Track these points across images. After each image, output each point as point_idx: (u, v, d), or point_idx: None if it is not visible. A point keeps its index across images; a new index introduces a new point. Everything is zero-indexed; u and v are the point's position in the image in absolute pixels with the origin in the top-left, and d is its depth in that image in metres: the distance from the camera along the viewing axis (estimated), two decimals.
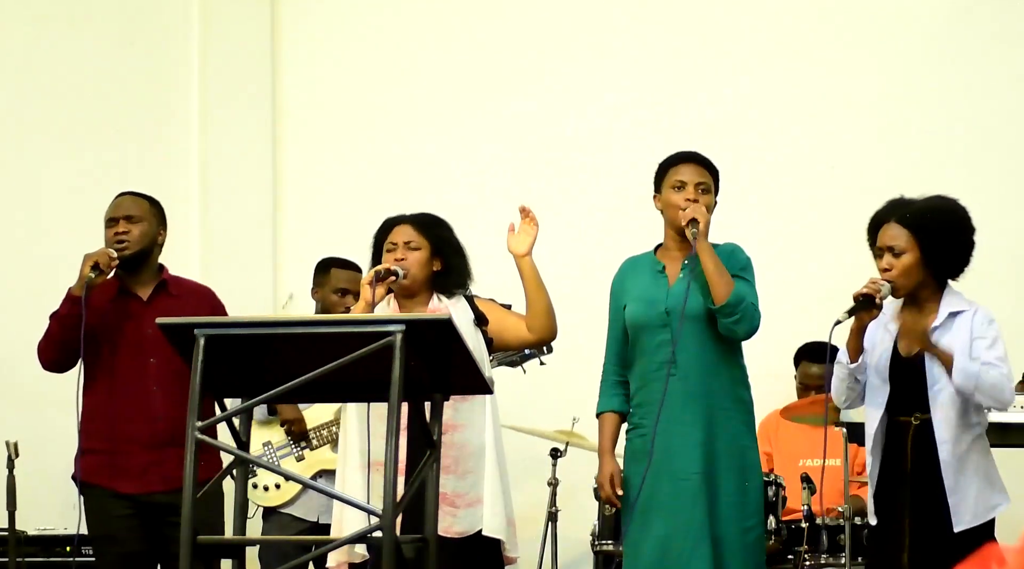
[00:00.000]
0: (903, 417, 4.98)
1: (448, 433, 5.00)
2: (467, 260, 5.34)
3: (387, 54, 7.96)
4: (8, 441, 5.97)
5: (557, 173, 7.62)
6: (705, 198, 5.07)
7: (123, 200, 5.67)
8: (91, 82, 7.66)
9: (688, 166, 5.12)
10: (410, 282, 5.21)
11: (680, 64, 7.60)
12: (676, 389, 4.96)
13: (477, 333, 5.16)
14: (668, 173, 5.13)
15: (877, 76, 7.36)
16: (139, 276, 5.59)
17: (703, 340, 4.99)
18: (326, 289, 6.55)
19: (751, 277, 5.06)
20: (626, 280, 5.20)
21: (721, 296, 4.91)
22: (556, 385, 5.73)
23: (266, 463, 5.78)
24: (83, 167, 7.45)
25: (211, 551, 4.37)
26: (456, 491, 5.06)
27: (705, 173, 5.12)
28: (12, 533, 5.96)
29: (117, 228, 5.56)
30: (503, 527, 5.09)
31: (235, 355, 4.20)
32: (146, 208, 5.65)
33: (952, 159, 7.18)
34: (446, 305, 5.20)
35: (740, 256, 5.09)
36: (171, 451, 5.39)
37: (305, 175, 8.02)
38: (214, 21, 7.96)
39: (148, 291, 5.60)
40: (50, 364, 5.56)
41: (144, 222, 5.60)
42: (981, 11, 7.29)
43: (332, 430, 6.32)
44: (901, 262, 4.97)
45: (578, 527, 6.47)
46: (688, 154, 5.17)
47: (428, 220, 5.35)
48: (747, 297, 4.96)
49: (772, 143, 7.44)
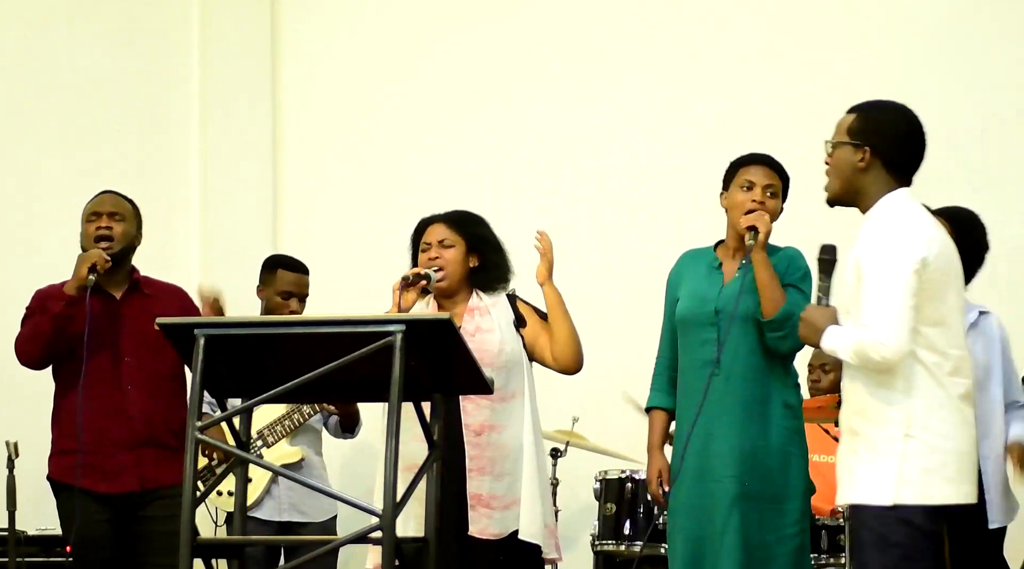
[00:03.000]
0: None
1: (485, 433, 4.96)
2: (506, 255, 5.24)
3: (387, 54, 7.96)
4: (8, 441, 5.97)
5: (559, 172, 7.62)
6: (772, 203, 4.99)
7: (106, 197, 5.61)
8: (91, 82, 7.66)
9: (759, 168, 5.05)
10: (447, 283, 5.14)
11: (680, 64, 7.59)
12: (716, 389, 4.86)
13: (516, 335, 5.12)
14: (738, 172, 5.05)
15: (877, 76, 7.35)
16: (114, 276, 5.50)
17: (750, 343, 4.91)
18: (270, 290, 6.47)
19: (807, 288, 4.90)
20: (683, 273, 5.11)
21: (769, 311, 4.83)
22: (556, 385, 5.72)
23: (266, 463, 5.77)
24: (83, 167, 7.45)
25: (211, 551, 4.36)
26: (492, 493, 4.98)
27: (775, 177, 5.05)
28: (12, 533, 5.96)
29: (100, 223, 5.50)
30: (540, 530, 5.00)
31: (235, 355, 4.20)
32: (128, 209, 5.60)
33: (952, 159, 7.17)
34: (486, 303, 5.15)
35: (799, 264, 4.98)
36: (148, 451, 5.41)
37: (305, 175, 8.02)
38: (214, 21, 7.96)
39: (121, 291, 5.53)
40: (31, 361, 5.48)
41: (126, 222, 5.54)
42: (981, 11, 7.28)
43: (285, 424, 6.30)
44: None
45: (578, 527, 6.47)
46: (761, 156, 5.10)
47: (462, 217, 5.27)
48: (796, 311, 4.78)
49: (772, 143, 7.41)
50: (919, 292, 4.06)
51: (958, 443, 4.09)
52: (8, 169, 7.47)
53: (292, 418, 6.29)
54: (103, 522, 5.40)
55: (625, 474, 6.01)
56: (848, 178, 4.26)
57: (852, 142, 4.25)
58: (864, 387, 4.11)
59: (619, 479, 6.00)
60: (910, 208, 4.21)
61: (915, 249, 4.08)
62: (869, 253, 4.12)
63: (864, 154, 4.23)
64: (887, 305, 4.03)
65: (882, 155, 4.23)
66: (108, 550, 5.41)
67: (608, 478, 6.04)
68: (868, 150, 4.23)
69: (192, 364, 4.11)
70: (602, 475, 6.06)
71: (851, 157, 4.25)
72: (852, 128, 4.28)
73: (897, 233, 4.12)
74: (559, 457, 6.64)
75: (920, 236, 4.12)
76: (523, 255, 5.24)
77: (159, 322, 4.21)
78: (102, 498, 5.40)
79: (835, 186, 4.30)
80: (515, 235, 5.33)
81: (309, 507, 6.31)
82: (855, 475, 4.10)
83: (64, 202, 7.27)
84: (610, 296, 7.36)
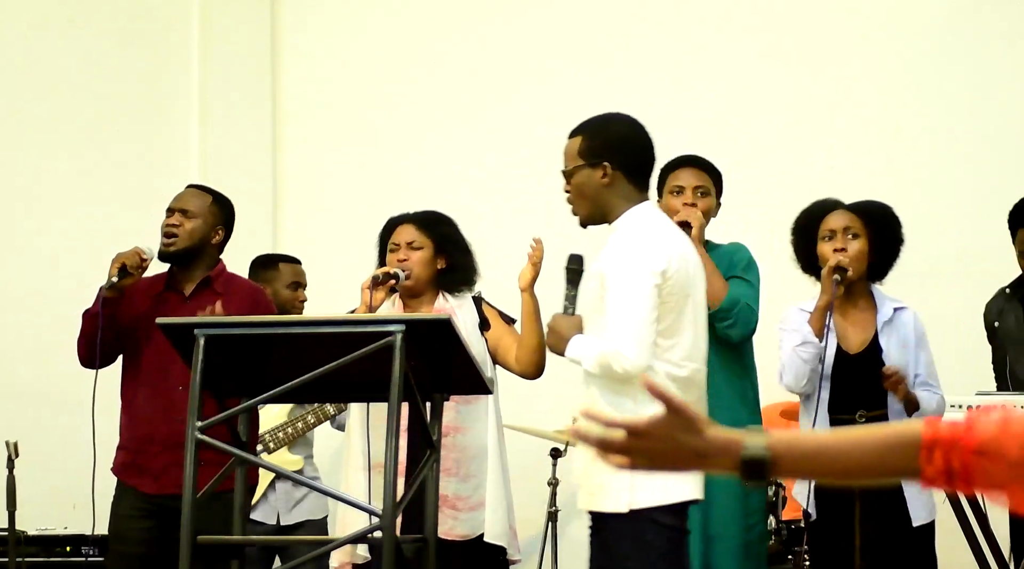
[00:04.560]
0: (845, 415, 4.97)
1: (450, 435, 4.99)
2: (473, 258, 5.29)
3: (387, 54, 7.96)
4: (8, 441, 5.96)
5: (559, 174, 7.61)
6: (704, 202, 5.06)
7: (186, 192, 5.57)
8: (91, 82, 7.66)
9: (686, 170, 5.12)
10: (413, 282, 5.18)
11: (680, 64, 7.59)
12: None
13: (480, 337, 5.14)
14: (667, 178, 5.13)
15: (877, 76, 7.35)
16: (189, 272, 5.44)
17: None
18: (277, 284, 6.50)
19: (752, 277, 5.04)
20: None
21: (714, 301, 4.88)
22: (556, 385, 5.71)
23: (267, 463, 5.77)
24: (83, 167, 7.45)
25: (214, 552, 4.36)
26: (458, 494, 5.04)
27: (704, 176, 5.11)
28: (12, 533, 5.95)
29: (171, 219, 5.44)
30: (504, 532, 5.08)
31: (235, 355, 4.20)
32: (206, 204, 5.50)
33: (952, 159, 7.17)
34: (451, 305, 5.17)
35: (742, 256, 5.08)
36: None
37: (305, 175, 8.02)
38: (214, 21, 7.96)
39: (192, 287, 5.44)
40: (84, 361, 5.42)
41: (199, 218, 5.44)
42: (982, 11, 7.28)
43: (287, 431, 6.30)
44: (855, 245, 5.00)
45: (578, 527, 6.45)
46: (686, 158, 5.16)
47: (430, 218, 5.31)
48: (742, 299, 4.94)
49: (772, 143, 7.43)
50: (659, 305, 4.15)
51: None
52: (8, 169, 7.46)
53: (296, 426, 6.30)
54: (139, 518, 5.34)
55: None
56: (594, 198, 4.34)
57: (589, 163, 4.31)
58: (599, 392, 4.22)
59: None
60: (653, 221, 4.31)
61: (656, 263, 4.17)
62: (613, 267, 4.20)
63: (605, 170, 4.31)
64: (630, 319, 4.12)
65: (622, 166, 4.32)
66: (140, 546, 5.34)
67: None
68: (607, 165, 4.30)
69: (192, 364, 4.12)
70: None
71: (592, 177, 4.32)
72: (583, 150, 4.36)
73: (639, 247, 4.21)
74: (559, 457, 6.64)
75: (661, 250, 4.21)
76: (520, 257, 5.24)
77: (159, 322, 4.22)
78: (146, 497, 5.35)
79: (584, 209, 4.37)
80: (515, 236, 5.33)
81: (303, 511, 6.36)
82: (593, 481, 4.21)
83: (64, 202, 7.29)
84: None
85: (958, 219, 5.54)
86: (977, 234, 5.71)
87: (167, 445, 5.28)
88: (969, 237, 5.90)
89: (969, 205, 5.94)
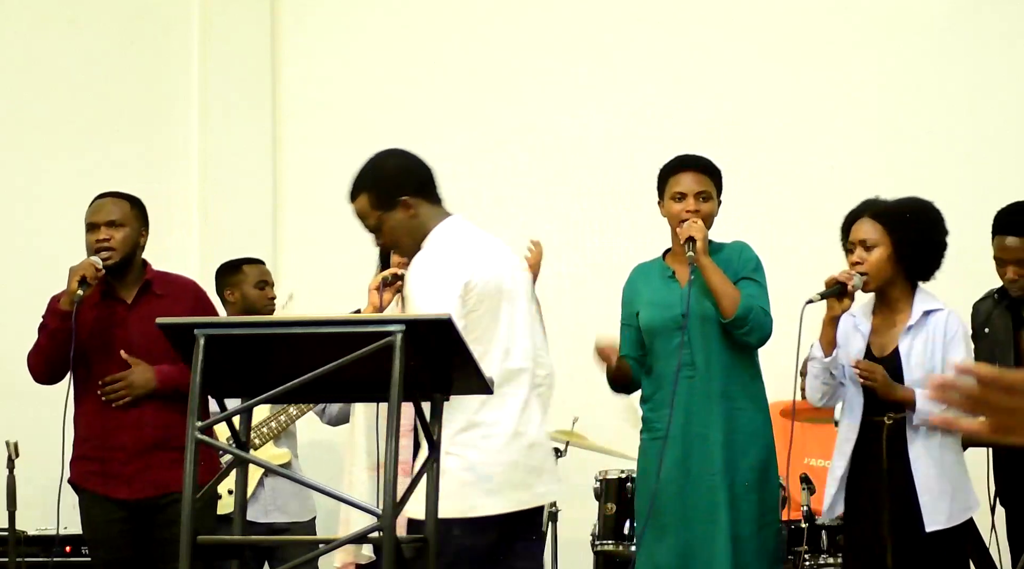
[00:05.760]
0: (876, 417, 4.98)
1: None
2: None
3: (387, 54, 7.96)
4: (8, 441, 5.97)
5: (559, 174, 7.62)
6: (706, 207, 5.03)
7: (103, 203, 5.48)
8: (91, 82, 7.67)
9: (687, 174, 5.07)
10: None
11: (680, 65, 7.60)
12: (696, 389, 4.96)
13: None
14: (668, 183, 5.10)
15: (878, 76, 7.36)
16: (123, 279, 5.45)
17: (719, 340, 4.99)
18: (245, 286, 6.56)
19: (761, 277, 5.02)
20: (637, 286, 5.20)
21: (729, 311, 4.90)
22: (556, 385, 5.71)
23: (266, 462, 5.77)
24: (83, 167, 7.46)
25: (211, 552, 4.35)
26: None
27: (705, 179, 5.07)
28: (12, 533, 5.96)
29: (99, 234, 5.40)
30: None
31: (235, 355, 4.20)
32: (127, 210, 5.47)
33: (952, 159, 7.18)
34: None
35: (748, 256, 5.05)
36: (158, 455, 5.36)
37: (305, 175, 8.02)
38: (214, 21, 7.96)
39: (132, 294, 5.46)
40: (40, 376, 5.45)
41: (126, 227, 5.43)
42: (982, 11, 7.29)
43: (271, 426, 6.31)
44: (873, 256, 4.99)
45: (578, 527, 6.46)
46: (687, 161, 5.12)
47: None
48: (755, 304, 4.91)
49: (772, 143, 7.44)
50: (466, 315, 4.21)
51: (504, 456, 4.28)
52: (8, 169, 7.47)
53: (278, 419, 6.31)
54: (118, 523, 5.38)
55: (625, 474, 6.01)
56: (411, 232, 4.41)
57: (386, 210, 4.38)
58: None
59: (619, 479, 6.01)
60: (459, 234, 4.39)
61: (458, 275, 4.24)
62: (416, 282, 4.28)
63: (406, 204, 4.38)
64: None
65: (416, 192, 4.40)
66: (124, 550, 5.39)
67: (608, 478, 6.04)
68: (405, 199, 4.37)
69: (192, 364, 4.11)
70: (602, 475, 6.07)
71: (399, 217, 4.40)
72: (374, 202, 4.42)
73: (440, 262, 4.28)
74: (559, 457, 6.63)
75: (463, 261, 4.28)
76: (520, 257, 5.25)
77: (159, 322, 4.21)
78: (119, 503, 5.39)
79: (408, 246, 4.43)
80: (515, 236, 5.33)
81: (292, 508, 6.36)
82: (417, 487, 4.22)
83: (64, 202, 7.28)
84: (610, 295, 7.35)
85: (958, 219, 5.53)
86: (977, 234, 5.69)
87: (133, 453, 5.35)
88: (968, 237, 5.87)
89: (969, 205, 5.93)
